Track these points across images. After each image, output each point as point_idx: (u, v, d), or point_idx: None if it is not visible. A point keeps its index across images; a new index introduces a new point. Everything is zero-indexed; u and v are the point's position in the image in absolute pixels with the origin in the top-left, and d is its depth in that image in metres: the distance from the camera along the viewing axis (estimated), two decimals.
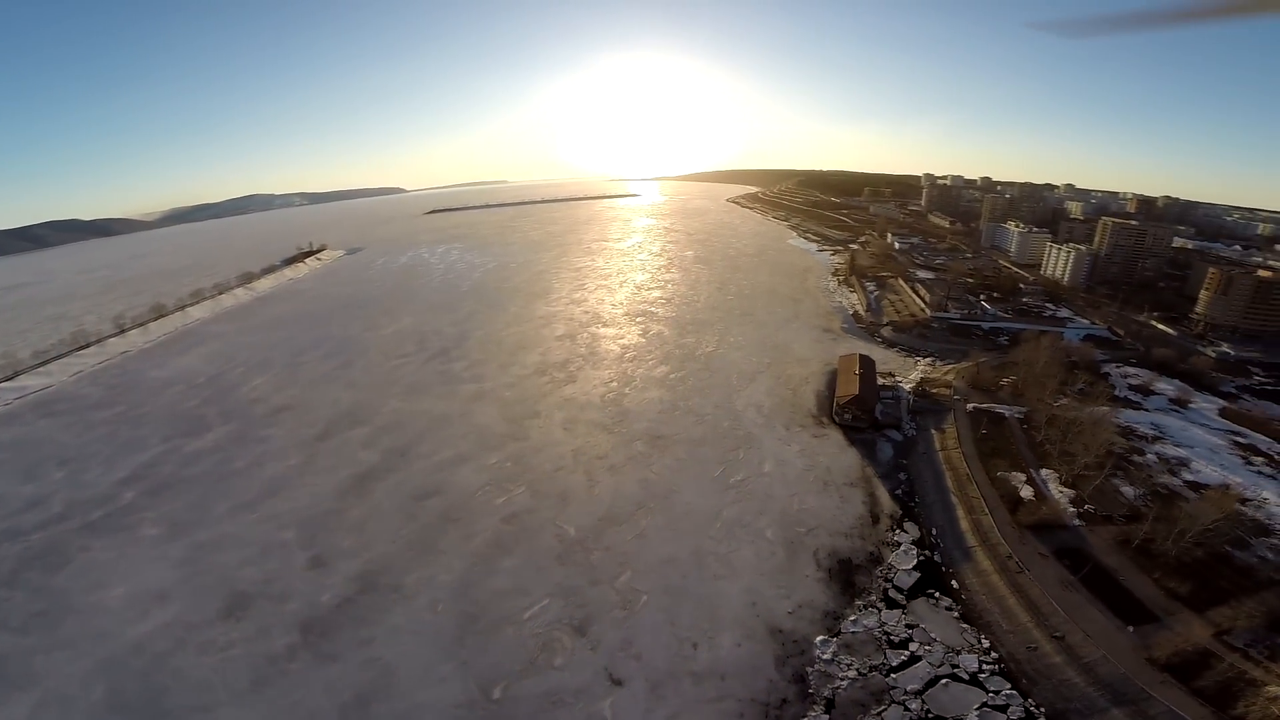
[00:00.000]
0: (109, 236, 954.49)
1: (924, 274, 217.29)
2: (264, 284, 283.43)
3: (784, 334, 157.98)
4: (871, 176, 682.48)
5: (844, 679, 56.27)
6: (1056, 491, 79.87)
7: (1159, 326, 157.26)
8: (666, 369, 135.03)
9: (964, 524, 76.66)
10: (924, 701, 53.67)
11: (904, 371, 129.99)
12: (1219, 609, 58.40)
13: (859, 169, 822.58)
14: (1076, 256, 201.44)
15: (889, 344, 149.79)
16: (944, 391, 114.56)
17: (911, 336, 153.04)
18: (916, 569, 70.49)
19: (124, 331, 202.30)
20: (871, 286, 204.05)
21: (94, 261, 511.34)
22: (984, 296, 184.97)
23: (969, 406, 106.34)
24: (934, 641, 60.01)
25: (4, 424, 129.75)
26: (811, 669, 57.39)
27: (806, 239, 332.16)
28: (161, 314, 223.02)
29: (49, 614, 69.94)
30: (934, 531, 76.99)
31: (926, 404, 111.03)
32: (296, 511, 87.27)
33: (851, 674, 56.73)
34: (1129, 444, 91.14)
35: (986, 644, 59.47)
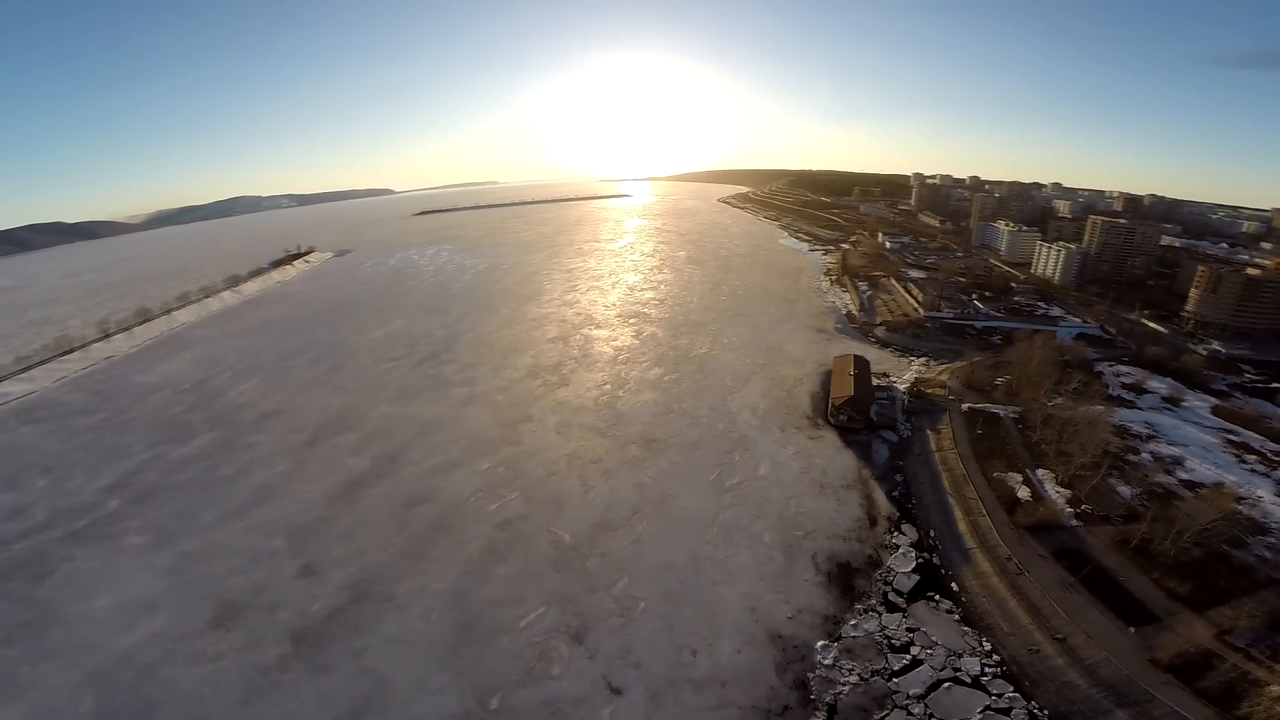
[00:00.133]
0: (93, 239, 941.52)
1: (916, 273, 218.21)
2: (251, 287, 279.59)
3: (778, 334, 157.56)
4: (861, 176, 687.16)
5: (846, 684, 55.70)
6: (1053, 492, 79.73)
7: (1150, 324, 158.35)
8: (660, 371, 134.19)
9: (962, 525, 76.24)
10: (927, 706, 53.19)
11: (898, 372, 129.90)
12: (1219, 609, 58.40)
13: (849, 169, 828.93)
14: (1067, 255, 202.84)
15: (883, 344, 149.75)
16: (939, 391, 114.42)
17: (905, 336, 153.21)
18: (915, 571, 70.02)
19: (108, 336, 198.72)
20: (864, 286, 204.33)
21: (78, 265, 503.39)
22: (976, 296, 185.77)
23: (964, 406, 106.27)
24: (935, 645, 59.53)
25: None
26: (813, 674, 56.78)
27: (798, 239, 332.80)
28: (147, 318, 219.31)
29: (34, 624, 68.20)
30: (932, 533, 76.55)
31: (921, 404, 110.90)
32: (285, 519, 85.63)
33: (853, 679, 56.17)
34: (1124, 443, 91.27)
35: (988, 647, 59.05)
